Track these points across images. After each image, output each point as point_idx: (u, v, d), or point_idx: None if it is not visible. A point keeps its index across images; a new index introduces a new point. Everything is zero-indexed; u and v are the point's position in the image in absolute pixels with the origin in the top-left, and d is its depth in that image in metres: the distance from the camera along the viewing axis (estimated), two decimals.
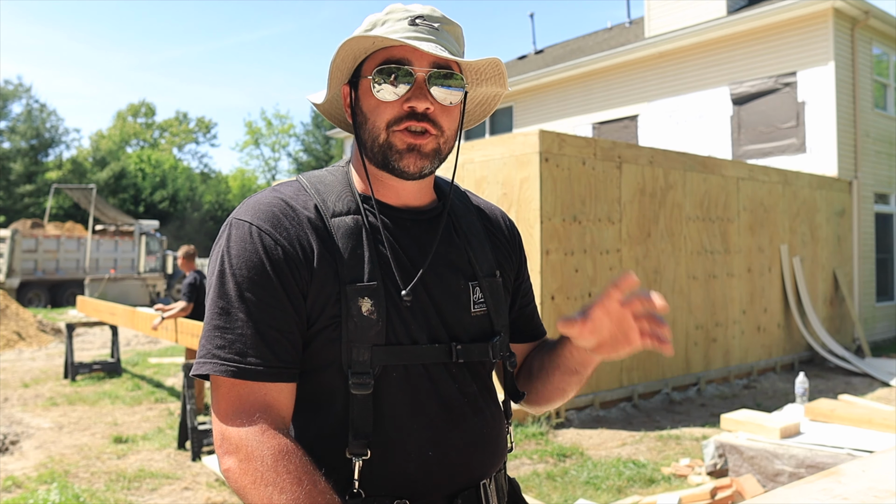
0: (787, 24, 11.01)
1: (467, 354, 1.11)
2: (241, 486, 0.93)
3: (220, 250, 1.04)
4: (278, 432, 0.95)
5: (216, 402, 0.99)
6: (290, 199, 1.08)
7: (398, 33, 1.05)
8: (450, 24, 1.11)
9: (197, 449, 5.17)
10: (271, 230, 1.03)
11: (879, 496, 1.44)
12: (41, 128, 45.78)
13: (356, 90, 1.12)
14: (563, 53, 16.44)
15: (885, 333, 11.71)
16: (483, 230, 1.24)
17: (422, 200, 1.17)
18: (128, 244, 23.58)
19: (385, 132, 1.07)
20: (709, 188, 7.88)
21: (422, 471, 1.04)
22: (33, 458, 5.27)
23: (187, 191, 51.01)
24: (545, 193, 6.09)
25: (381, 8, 1.14)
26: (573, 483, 4.59)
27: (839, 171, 10.56)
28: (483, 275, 1.17)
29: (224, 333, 0.99)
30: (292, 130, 57.30)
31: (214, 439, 0.99)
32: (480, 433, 1.11)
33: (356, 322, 1.03)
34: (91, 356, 10.24)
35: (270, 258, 1.01)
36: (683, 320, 7.50)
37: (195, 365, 1.01)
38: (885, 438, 4.20)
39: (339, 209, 1.09)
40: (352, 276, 1.04)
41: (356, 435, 1.02)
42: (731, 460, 4.40)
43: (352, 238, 1.06)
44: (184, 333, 6.15)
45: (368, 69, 1.08)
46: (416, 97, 1.05)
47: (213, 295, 1.02)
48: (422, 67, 1.05)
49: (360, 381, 1.02)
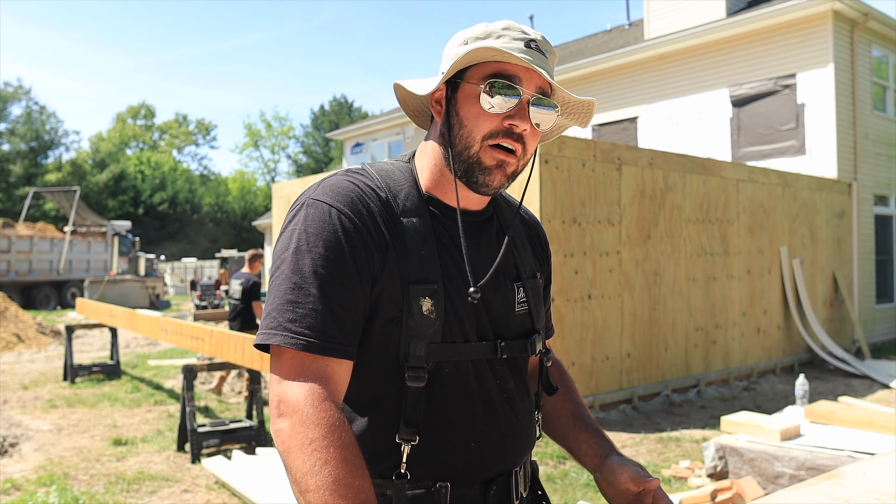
0: (787, 26, 11.02)
1: (510, 351, 1.18)
2: (287, 448, 0.96)
3: (296, 228, 1.07)
4: (334, 405, 0.99)
5: (278, 368, 1.03)
6: (365, 189, 1.12)
7: (514, 51, 1.08)
8: (553, 53, 1.16)
9: (196, 451, 5.16)
10: (350, 213, 1.07)
11: (881, 499, 1.44)
12: (41, 130, 45.78)
13: (454, 91, 1.14)
14: (563, 55, 16.45)
15: (884, 335, 11.70)
16: (525, 235, 1.32)
17: (480, 204, 1.22)
18: (101, 245, 23.22)
19: (479, 144, 1.11)
20: (708, 190, 7.88)
21: (463, 459, 1.12)
22: (32, 461, 5.26)
23: (187, 193, 50.99)
24: (545, 195, 6.09)
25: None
26: (573, 485, 4.58)
27: (839, 173, 10.57)
28: (526, 276, 1.25)
29: (296, 308, 1.02)
30: (291, 132, 57.34)
31: (270, 402, 1.02)
32: (515, 427, 1.18)
33: (416, 320, 1.08)
34: (90, 358, 10.23)
35: (348, 239, 1.05)
36: (683, 322, 7.49)
37: (262, 335, 1.04)
38: (886, 440, 4.19)
39: (408, 208, 1.13)
40: (416, 276, 1.09)
41: (407, 423, 1.08)
42: (731, 462, 4.39)
43: (418, 238, 1.11)
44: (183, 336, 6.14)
45: (475, 76, 1.11)
46: (519, 116, 1.10)
47: (286, 270, 1.05)
48: (529, 90, 1.10)
49: (415, 375, 1.08)
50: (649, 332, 7.09)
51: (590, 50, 15.31)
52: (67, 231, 22.67)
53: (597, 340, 6.54)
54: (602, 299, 6.59)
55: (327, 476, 0.92)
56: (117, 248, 23.24)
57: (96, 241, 23.24)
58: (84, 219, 24.62)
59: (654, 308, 7.14)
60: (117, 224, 24.68)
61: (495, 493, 1.15)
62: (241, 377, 7.89)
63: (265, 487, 4.18)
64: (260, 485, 4.25)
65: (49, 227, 24.62)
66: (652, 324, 7.12)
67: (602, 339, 6.59)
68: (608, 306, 6.65)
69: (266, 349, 1.06)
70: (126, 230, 24.86)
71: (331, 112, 55.27)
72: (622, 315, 6.80)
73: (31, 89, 57.18)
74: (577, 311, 6.36)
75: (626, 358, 6.83)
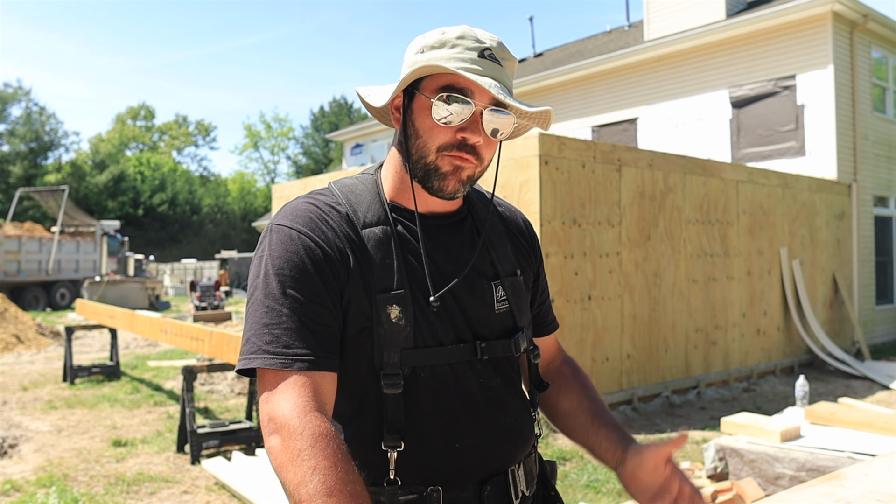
0: (786, 27, 11.02)
1: (491, 351, 1.18)
2: (280, 463, 0.98)
3: (262, 254, 1.11)
4: (321, 415, 1.01)
5: (264, 388, 1.05)
6: (324, 208, 1.15)
7: (466, 63, 1.10)
8: (510, 59, 1.17)
9: (196, 452, 5.15)
10: (310, 233, 1.11)
11: (883, 500, 1.43)
12: (40, 131, 45.78)
13: (410, 101, 1.16)
14: (563, 57, 16.46)
15: (884, 336, 11.70)
16: (504, 231, 1.31)
17: (448, 207, 1.23)
18: (90, 245, 22.91)
19: (434, 154, 1.13)
20: (708, 191, 7.88)
21: (451, 461, 1.12)
22: (32, 462, 5.26)
23: (186, 194, 50.99)
24: (545, 196, 6.09)
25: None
26: (573, 486, 4.58)
27: (838, 175, 10.57)
28: (505, 274, 1.24)
29: (272, 330, 1.05)
30: (291, 133, 57.38)
31: (261, 421, 1.04)
32: (503, 424, 1.17)
33: (386, 328, 1.10)
34: (90, 359, 10.22)
35: (311, 258, 1.09)
36: (683, 323, 7.49)
37: (242, 360, 1.07)
38: (886, 442, 4.19)
39: (370, 220, 1.16)
40: (381, 286, 1.11)
41: (389, 430, 1.10)
42: (731, 464, 4.39)
43: (381, 248, 1.14)
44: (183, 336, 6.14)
45: (429, 87, 1.13)
46: (471, 129, 1.12)
47: (259, 295, 1.08)
48: (482, 102, 1.11)
49: (390, 382, 1.09)
50: (649, 334, 7.09)
51: (589, 51, 15.31)
52: (56, 231, 22.34)
53: (597, 341, 6.54)
54: (602, 300, 6.59)
55: (318, 484, 0.93)
56: (106, 248, 23.03)
57: (85, 241, 22.90)
58: (73, 219, 24.35)
59: (654, 309, 7.14)
60: (106, 224, 24.38)
61: (490, 494, 1.14)
62: (240, 378, 7.88)
63: (265, 488, 4.18)
64: (260, 486, 4.24)
65: (37, 227, 24.22)
66: (652, 325, 7.12)
67: (602, 340, 6.59)
68: (608, 307, 6.65)
69: (249, 373, 1.08)
70: (115, 230, 24.61)
71: (330, 113, 55.29)
72: (622, 316, 6.80)
73: (30, 90, 57.18)
74: (577, 313, 6.35)
75: (625, 359, 6.83)
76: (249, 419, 5.73)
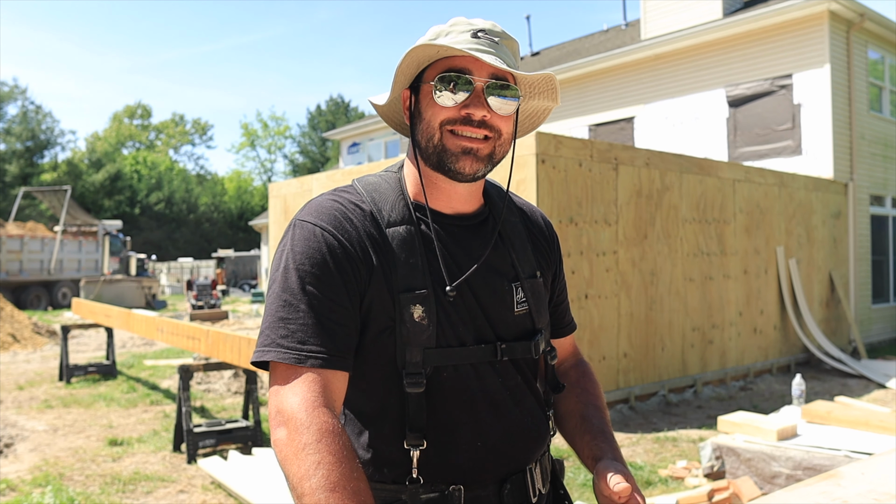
0: (783, 26, 11.03)
1: (511, 352, 1.19)
2: (285, 456, 0.98)
3: (284, 248, 1.12)
4: (328, 411, 1.01)
5: (275, 381, 1.06)
6: (349, 206, 1.15)
7: (461, 44, 1.11)
8: (508, 38, 1.18)
9: (192, 452, 5.14)
10: (334, 231, 1.11)
11: (880, 499, 1.43)
12: (36, 129, 45.67)
13: (417, 95, 1.18)
14: (560, 55, 16.46)
15: (880, 335, 11.73)
16: (525, 232, 1.31)
17: (471, 206, 1.23)
18: (92, 245, 22.93)
19: (439, 131, 1.13)
20: (705, 190, 7.88)
21: (473, 460, 1.13)
22: (28, 461, 5.24)
23: (183, 192, 50.92)
24: (542, 195, 6.08)
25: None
26: (570, 485, 4.58)
27: (835, 174, 10.58)
28: (525, 276, 1.24)
29: (287, 324, 1.06)
30: (288, 132, 57.26)
31: (269, 413, 1.05)
32: (523, 423, 1.18)
33: (409, 327, 1.11)
34: (86, 358, 10.19)
35: (333, 256, 1.09)
36: (680, 322, 7.50)
37: (257, 353, 1.07)
38: (882, 440, 4.20)
39: (394, 219, 1.16)
40: (404, 285, 1.12)
41: (411, 428, 1.11)
42: (728, 462, 4.39)
43: (405, 247, 1.14)
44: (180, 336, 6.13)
45: (430, 76, 1.14)
46: (474, 105, 1.12)
47: (276, 289, 1.09)
48: (481, 77, 1.12)
49: (413, 381, 1.10)
50: (646, 332, 7.09)
51: (586, 50, 15.31)
52: (58, 231, 22.37)
53: (593, 340, 6.54)
54: (599, 299, 6.59)
55: (321, 478, 0.93)
56: (108, 248, 23.02)
57: (87, 240, 22.93)
58: (75, 218, 24.36)
59: (651, 308, 7.15)
60: (108, 224, 24.42)
61: (510, 492, 1.16)
62: (237, 377, 7.87)
63: (261, 488, 4.17)
64: (256, 485, 4.23)
65: (39, 227, 24.26)
66: (648, 324, 7.12)
67: (599, 338, 6.59)
68: (605, 306, 6.65)
69: (262, 366, 1.09)
70: (117, 230, 24.62)
71: (327, 112, 55.22)
72: (619, 315, 6.81)
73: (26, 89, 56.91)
74: (574, 311, 6.34)
75: (622, 358, 6.83)
76: (246, 418, 5.72)
